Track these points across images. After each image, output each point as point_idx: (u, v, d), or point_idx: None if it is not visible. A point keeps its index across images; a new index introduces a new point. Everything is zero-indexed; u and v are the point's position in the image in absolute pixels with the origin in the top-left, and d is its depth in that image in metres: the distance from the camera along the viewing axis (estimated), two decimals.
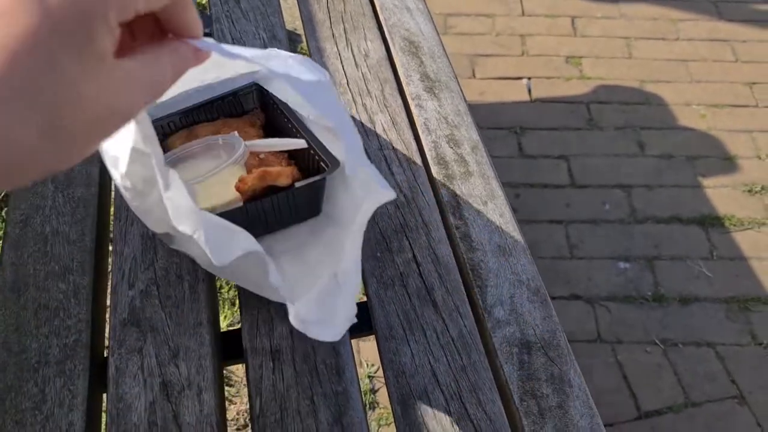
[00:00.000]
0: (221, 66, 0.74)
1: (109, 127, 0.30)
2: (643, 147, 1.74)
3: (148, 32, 0.33)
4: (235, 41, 0.91)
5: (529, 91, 1.86)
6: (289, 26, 1.13)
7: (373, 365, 1.32)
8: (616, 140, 1.76)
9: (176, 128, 0.77)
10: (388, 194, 0.61)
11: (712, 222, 1.59)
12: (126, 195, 0.63)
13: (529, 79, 1.89)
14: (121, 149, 0.61)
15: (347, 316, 0.62)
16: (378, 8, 0.97)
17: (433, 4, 2.06)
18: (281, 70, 0.52)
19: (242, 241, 0.57)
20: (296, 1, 0.98)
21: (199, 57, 0.34)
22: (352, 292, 0.62)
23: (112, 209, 0.78)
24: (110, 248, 0.76)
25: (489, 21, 2.05)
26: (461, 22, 2.04)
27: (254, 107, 0.79)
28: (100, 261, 0.74)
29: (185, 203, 0.54)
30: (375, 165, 0.79)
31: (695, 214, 1.60)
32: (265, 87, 0.76)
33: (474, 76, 1.89)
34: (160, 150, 0.53)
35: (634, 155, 1.73)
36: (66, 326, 0.66)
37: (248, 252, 0.57)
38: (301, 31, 1.86)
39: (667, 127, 1.80)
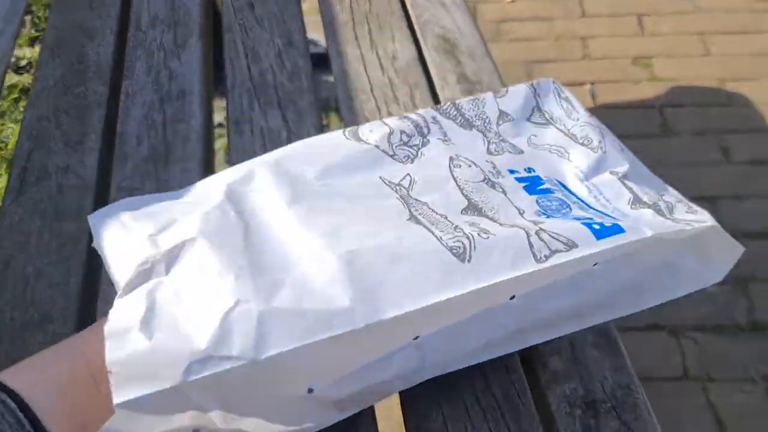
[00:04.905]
0: None
1: None
2: (727, 153, 1.55)
3: None
4: (247, 51, 0.80)
5: (594, 96, 1.70)
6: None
7: None
8: (695, 146, 1.57)
9: None
10: None
11: None
12: None
13: (593, 84, 1.73)
14: None
15: None
16: (408, 5, 0.85)
17: (484, 11, 1.93)
18: None
19: None
20: (318, 4, 0.88)
21: None
22: None
23: None
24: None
25: (546, 25, 1.90)
26: (515, 28, 1.90)
27: None
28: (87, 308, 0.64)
29: None
30: None
31: None
32: None
33: None
34: None
35: (718, 162, 1.53)
36: None
37: None
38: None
39: (755, 130, 1.59)
